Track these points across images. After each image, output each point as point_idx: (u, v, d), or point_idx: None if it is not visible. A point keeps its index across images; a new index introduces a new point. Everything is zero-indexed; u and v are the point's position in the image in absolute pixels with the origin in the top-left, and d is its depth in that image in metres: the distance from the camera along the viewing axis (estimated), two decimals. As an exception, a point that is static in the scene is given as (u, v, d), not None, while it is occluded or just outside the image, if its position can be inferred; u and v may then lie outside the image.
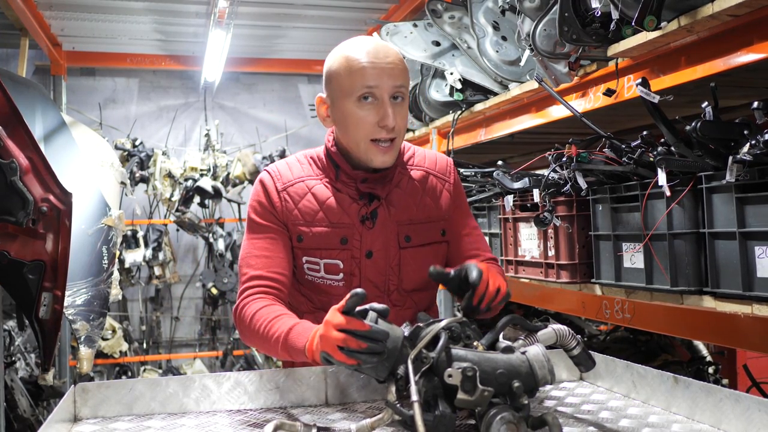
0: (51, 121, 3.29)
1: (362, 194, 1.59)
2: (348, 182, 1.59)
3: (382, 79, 1.49)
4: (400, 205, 1.61)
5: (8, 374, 3.25)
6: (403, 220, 1.60)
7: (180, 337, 6.32)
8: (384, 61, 1.50)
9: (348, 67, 1.51)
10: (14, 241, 1.88)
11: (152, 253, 5.71)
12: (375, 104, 1.50)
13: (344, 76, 1.51)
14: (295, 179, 1.60)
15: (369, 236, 1.57)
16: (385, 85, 1.49)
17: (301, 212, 1.57)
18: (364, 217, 1.57)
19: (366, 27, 5.22)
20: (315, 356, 1.27)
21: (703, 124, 1.66)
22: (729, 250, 1.69)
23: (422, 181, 1.66)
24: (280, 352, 1.40)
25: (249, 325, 1.47)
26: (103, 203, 3.00)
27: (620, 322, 2.15)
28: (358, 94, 1.49)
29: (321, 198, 1.58)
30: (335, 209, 1.57)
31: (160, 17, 5.09)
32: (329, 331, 1.20)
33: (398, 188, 1.62)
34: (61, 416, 1.27)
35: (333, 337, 1.18)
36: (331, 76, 1.55)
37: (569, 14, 2.03)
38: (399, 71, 1.52)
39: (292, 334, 1.37)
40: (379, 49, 1.52)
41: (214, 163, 5.80)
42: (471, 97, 3.11)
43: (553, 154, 2.13)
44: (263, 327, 1.43)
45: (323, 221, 1.57)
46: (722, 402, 1.20)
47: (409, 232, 1.61)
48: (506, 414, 1.05)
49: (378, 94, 1.50)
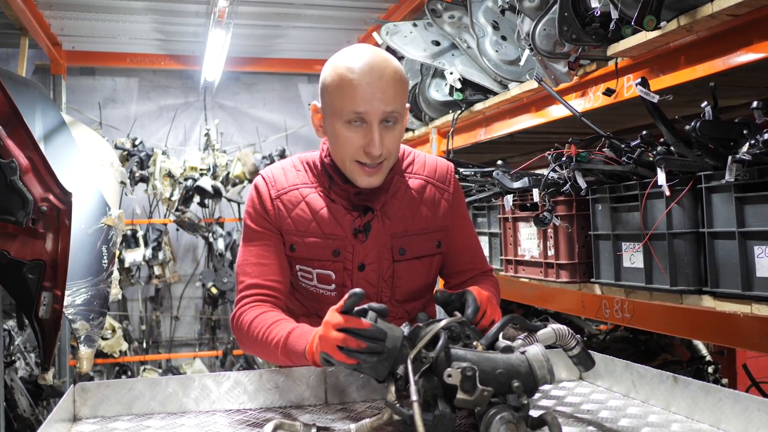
0: (51, 121, 3.29)
1: (356, 206, 1.55)
2: (341, 193, 1.55)
3: (372, 104, 1.41)
4: (396, 217, 1.56)
5: (8, 374, 3.25)
6: (398, 232, 1.56)
7: (180, 337, 6.32)
8: (378, 82, 1.41)
9: (339, 85, 1.43)
10: (14, 240, 1.88)
11: (152, 252, 5.71)
12: (363, 128, 1.44)
13: (335, 95, 1.45)
14: (290, 187, 1.57)
15: (361, 249, 1.54)
16: (375, 111, 1.42)
17: (294, 221, 1.54)
18: (356, 230, 1.53)
19: (366, 26, 5.23)
20: (315, 358, 1.26)
21: (703, 123, 1.66)
22: (728, 249, 1.69)
23: (420, 190, 1.61)
24: (280, 357, 1.38)
25: (247, 332, 1.46)
26: (102, 203, 3.00)
27: (620, 321, 2.16)
28: (346, 118, 1.44)
29: (314, 208, 1.54)
30: (328, 220, 1.53)
31: (160, 17, 5.08)
32: (328, 331, 1.19)
33: (394, 198, 1.57)
34: (60, 416, 1.27)
35: (332, 337, 1.18)
36: (324, 89, 1.49)
37: (569, 14, 2.03)
38: (392, 95, 1.43)
39: (292, 337, 1.36)
40: (374, 67, 1.42)
41: (213, 162, 5.79)
42: (471, 97, 3.11)
43: (552, 153, 2.13)
44: (262, 333, 1.42)
45: (316, 232, 1.53)
46: (722, 401, 1.20)
47: (404, 245, 1.57)
48: (506, 414, 1.05)
49: (367, 119, 1.43)
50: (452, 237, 1.65)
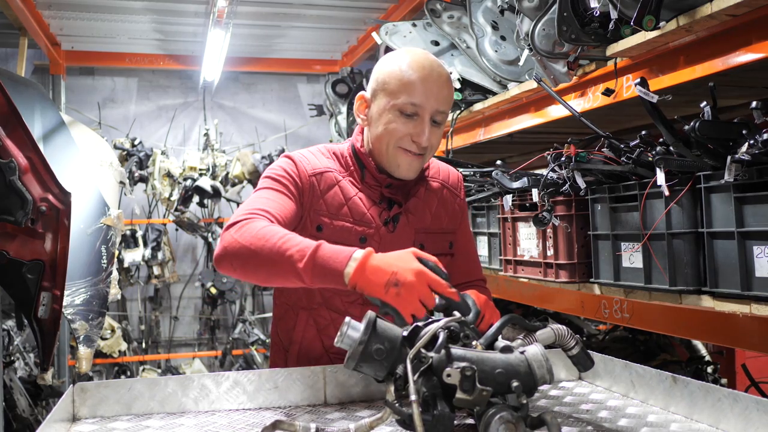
0: (50, 121, 3.29)
1: (383, 198, 1.62)
2: (372, 184, 1.62)
3: (429, 100, 1.53)
4: (417, 213, 1.65)
5: (7, 374, 3.25)
6: (420, 228, 1.64)
7: (179, 337, 6.32)
8: (436, 81, 1.54)
9: (400, 76, 1.54)
10: (13, 240, 1.88)
11: (151, 252, 5.70)
12: (414, 120, 1.54)
13: (394, 85, 1.54)
14: (324, 168, 1.60)
15: (388, 239, 1.59)
16: (429, 107, 1.53)
17: (327, 203, 1.58)
18: (387, 220, 1.60)
19: (365, 27, 5.23)
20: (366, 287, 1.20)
21: (702, 123, 1.66)
22: (727, 249, 1.70)
23: (438, 192, 1.71)
24: (289, 270, 1.27)
25: (255, 234, 1.33)
26: (102, 203, 3.00)
27: (619, 321, 2.16)
28: (402, 108, 1.53)
29: (347, 193, 1.59)
30: (359, 208, 1.59)
31: (159, 17, 5.08)
32: (420, 277, 1.18)
33: (416, 197, 1.66)
34: (59, 416, 1.27)
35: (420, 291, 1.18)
36: (380, 79, 1.58)
37: (568, 14, 2.03)
38: (445, 97, 1.56)
39: (325, 250, 1.26)
40: (434, 68, 1.56)
41: (213, 162, 5.79)
42: (470, 97, 3.11)
43: (551, 153, 2.13)
44: (276, 238, 1.30)
45: (347, 217, 1.58)
46: (721, 401, 1.20)
47: (424, 241, 1.63)
48: (505, 413, 1.05)
49: (420, 112, 1.54)
50: (457, 242, 1.74)
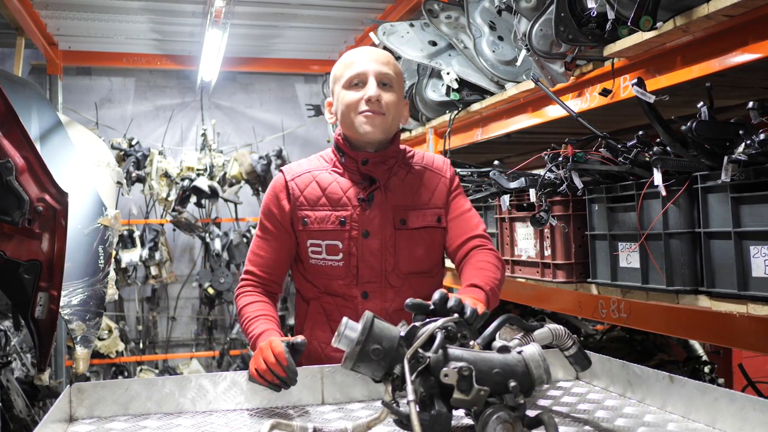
0: (47, 121, 3.28)
1: (363, 176, 1.75)
2: (350, 165, 1.77)
3: (368, 64, 1.73)
4: (397, 192, 1.77)
5: (4, 374, 3.24)
6: (399, 205, 1.76)
7: (176, 337, 6.31)
8: (373, 54, 1.76)
9: (341, 63, 1.78)
10: (10, 240, 1.88)
11: (149, 252, 5.69)
12: (362, 88, 1.72)
13: (339, 71, 1.77)
14: (303, 171, 1.82)
15: (366, 217, 1.73)
16: (370, 69, 1.72)
17: (306, 198, 1.77)
18: (361, 199, 1.74)
19: (363, 27, 5.23)
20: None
21: (699, 124, 1.66)
22: (724, 249, 1.70)
23: (419, 174, 1.82)
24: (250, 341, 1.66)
25: (239, 313, 1.76)
26: (99, 203, 3.00)
27: (616, 321, 2.16)
28: (348, 82, 1.73)
29: (323, 184, 1.77)
30: (336, 194, 1.75)
31: (156, 17, 5.08)
32: (258, 356, 1.46)
33: (396, 176, 1.79)
34: (57, 416, 1.27)
35: (256, 362, 1.44)
36: (331, 78, 1.80)
37: (565, 14, 2.03)
38: (384, 62, 1.75)
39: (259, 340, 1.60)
40: (372, 49, 1.80)
41: (210, 162, 5.79)
42: (467, 97, 3.11)
43: (549, 153, 2.13)
44: (245, 323, 1.70)
45: (325, 205, 1.75)
46: (718, 401, 1.20)
47: (405, 216, 1.76)
48: (502, 413, 1.05)
49: (364, 78, 1.72)
50: (451, 212, 1.82)
